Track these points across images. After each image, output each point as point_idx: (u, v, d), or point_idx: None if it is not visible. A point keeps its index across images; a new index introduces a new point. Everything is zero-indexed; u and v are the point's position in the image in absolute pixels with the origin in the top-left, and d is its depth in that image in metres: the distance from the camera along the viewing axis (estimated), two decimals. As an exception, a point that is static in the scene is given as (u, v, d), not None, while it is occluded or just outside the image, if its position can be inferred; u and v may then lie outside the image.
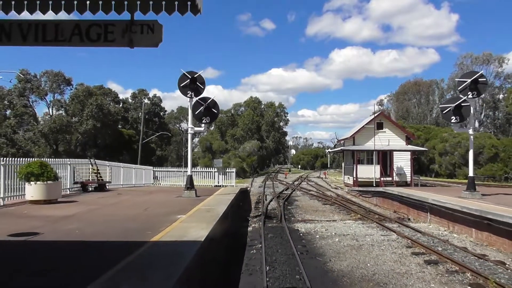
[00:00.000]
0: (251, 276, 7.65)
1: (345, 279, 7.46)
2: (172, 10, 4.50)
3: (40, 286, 3.95)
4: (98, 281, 4.07)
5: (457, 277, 7.41)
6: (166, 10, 4.50)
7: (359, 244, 10.51)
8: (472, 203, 11.67)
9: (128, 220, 8.69)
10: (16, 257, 5.43)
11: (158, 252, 5.62)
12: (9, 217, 8.99)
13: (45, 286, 3.99)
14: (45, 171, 11.71)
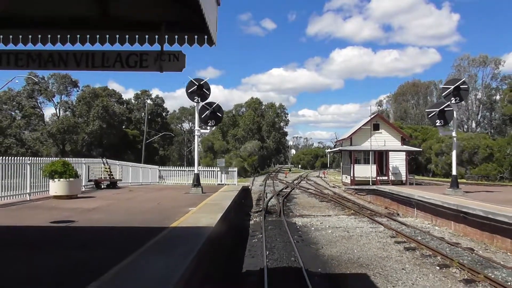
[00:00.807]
0: (253, 258, 8.91)
1: (333, 261, 8.72)
2: (193, 43, 5.75)
3: (94, 256, 5.21)
4: (137, 252, 5.33)
5: (429, 260, 8.66)
6: (188, 43, 5.75)
7: (349, 235, 11.77)
8: (452, 199, 12.94)
9: (145, 212, 9.97)
10: (65, 237, 6.71)
11: (178, 234, 6.89)
12: (41, 209, 10.26)
13: (98, 256, 5.25)
14: (67, 169, 13.00)
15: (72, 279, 4.11)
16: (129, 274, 4.35)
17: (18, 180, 12.60)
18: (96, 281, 3.98)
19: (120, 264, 4.61)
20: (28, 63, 5.85)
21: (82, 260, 4.93)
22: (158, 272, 4.39)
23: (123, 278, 4.18)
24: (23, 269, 4.56)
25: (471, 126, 70.23)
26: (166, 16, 5.53)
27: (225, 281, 7.30)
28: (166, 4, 5.33)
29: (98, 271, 4.24)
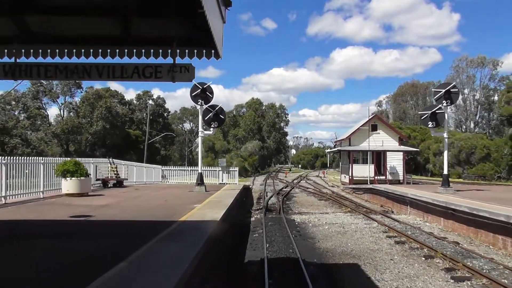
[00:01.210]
0: (254, 251, 9.67)
1: (328, 253, 9.48)
2: (201, 56, 6.51)
3: (118, 243, 5.97)
4: (154, 240, 6.09)
5: (416, 252, 9.41)
6: (197, 56, 6.50)
7: (344, 230, 12.52)
8: (441, 197, 13.69)
9: (154, 208, 10.73)
10: (88, 229, 7.49)
11: (187, 226, 7.65)
12: (57, 206, 11.02)
13: (121, 243, 6.01)
14: (79, 168, 13.76)
15: (106, 259, 4.86)
16: (151, 255, 5.12)
17: (32, 179, 13.38)
18: (124, 260, 4.74)
19: (141, 249, 5.38)
20: (56, 74, 6.62)
21: (109, 246, 5.70)
22: (175, 254, 5.16)
23: (147, 257, 4.95)
24: (67, 253, 5.33)
25: (470, 126, 70.95)
26: (178, 34, 6.28)
27: (229, 269, 8.06)
28: (178, 24, 6.08)
29: (125, 253, 4.99)
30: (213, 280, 6.66)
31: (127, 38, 6.34)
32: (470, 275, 7.33)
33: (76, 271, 4.48)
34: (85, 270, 4.44)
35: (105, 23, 6.26)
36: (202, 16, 4.54)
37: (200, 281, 5.57)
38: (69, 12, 6.05)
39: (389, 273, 7.73)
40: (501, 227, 9.56)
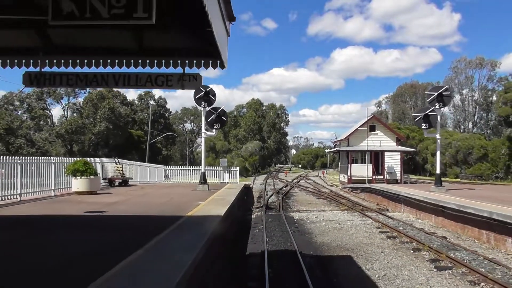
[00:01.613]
0: (255, 244, 10.38)
1: (324, 247, 10.18)
2: (208, 66, 7.20)
3: (134, 235, 6.68)
4: (166, 231, 6.79)
5: (406, 245, 10.12)
6: (204, 66, 7.19)
7: (340, 226, 13.23)
8: (433, 195, 14.39)
9: (161, 205, 11.44)
10: (104, 223, 8.20)
11: (193, 221, 8.36)
12: (70, 203, 11.73)
13: (136, 234, 6.72)
14: (88, 168, 14.47)
15: (126, 246, 5.56)
16: (165, 243, 5.83)
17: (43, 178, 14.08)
18: (142, 248, 5.45)
19: (156, 238, 6.08)
20: (76, 83, 7.32)
21: (125, 236, 6.41)
22: (185, 242, 5.88)
23: (162, 245, 5.67)
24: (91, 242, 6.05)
25: (468, 126, 71.60)
26: (187, 46, 6.97)
27: (233, 259, 8.77)
28: (187, 38, 6.78)
29: (142, 242, 5.70)
30: (219, 266, 7.38)
31: (141, 50, 7.04)
32: (452, 265, 8.03)
33: (102, 255, 5.19)
34: (110, 255, 5.14)
35: (121, 36, 6.95)
36: (210, 33, 5.27)
37: (208, 267, 6.28)
38: (88, 27, 6.76)
39: (379, 263, 8.44)
40: (485, 223, 10.26)
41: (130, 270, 4.50)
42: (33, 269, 4.62)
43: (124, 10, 4.28)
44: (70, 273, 4.46)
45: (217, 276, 7.15)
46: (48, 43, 6.97)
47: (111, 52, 7.18)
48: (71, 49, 7.12)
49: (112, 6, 4.28)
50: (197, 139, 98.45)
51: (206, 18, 4.47)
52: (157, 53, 7.18)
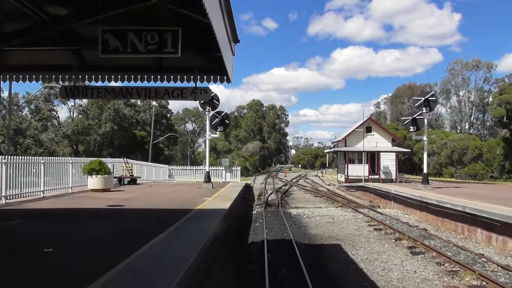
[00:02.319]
0: (256, 235, 11.68)
1: (317, 237, 11.49)
2: (216, 81, 8.53)
3: (153, 224, 7.99)
4: (179, 222, 8.09)
5: (389, 236, 11.42)
6: (213, 81, 8.52)
7: (333, 221, 14.53)
8: (419, 192, 15.69)
9: (172, 200, 12.75)
10: (126, 214, 9.51)
11: (202, 213, 9.67)
12: (89, 198, 13.03)
13: (155, 223, 8.03)
14: (103, 167, 15.78)
15: (149, 231, 6.85)
16: (181, 230, 7.14)
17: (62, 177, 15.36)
18: (164, 232, 6.76)
19: (172, 226, 7.39)
20: (105, 95, 8.63)
21: (146, 225, 7.72)
22: (198, 229, 7.19)
23: (179, 231, 6.98)
24: (119, 228, 7.36)
25: (465, 127, 72.89)
26: (199, 65, 8.28)
27: (237, 246, 10.09)
28: (200, 59, 8.10)
29: (161, 228, 7.00)
30: (225, 251, 8.70)
31: (160, 68, 8.37)
32: (425, 250, 9.34)
33: (131, 237, 6.49)
34: (137, 238, 6.42)
35: (145, 58, 8.25)
36: (219, 56, 6.59)
37: (218, 247, 7.61)
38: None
39: (363, 250, 9.74)
40: (460, 216, 11.57)
41: (161, 245, 5.83)
42: (91, 237, 5.96)
43: (156, 46, 5.61)
44: (116, 242, 5.80)
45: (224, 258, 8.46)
46: (82, 62, 8.29)
47: (135, 70, 8.51)
48: (101, 67, 8.43)
49: (148, 43, 5.61)
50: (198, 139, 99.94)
51: (217, 46, 5.78)
52: (173, 70, 8.51)
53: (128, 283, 4.05)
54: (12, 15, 6.02)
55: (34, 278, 4.22)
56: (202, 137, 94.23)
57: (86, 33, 6.46)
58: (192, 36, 6.58)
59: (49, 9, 5.92)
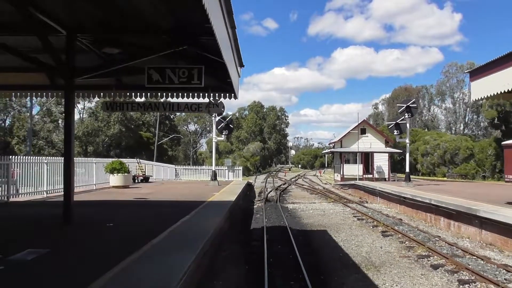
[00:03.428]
0: (257, 223, 13.90)
1: (308, 225, 13.69)
2: (225, 98, 10.76)
3: (175, 211, 10.21)
4: (196, 209, 10.32)
5: (369, 224, 13.61)
6: (223, 97, 10.75)
7: (324, 213, 16.73)
8: (399, 189, 17.89)
9: (185, 195, 14.97)
10: (151, 204, 11.74)
11: (213, 204, 11.89)
12: (115, 193, 15.25)
13: (177, 210, 10.26)
14: (123, 167, 18.03)
15: (176, 214, 9.05)
16: (200, 213, 9.38)
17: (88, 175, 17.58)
18: (188, 214, 8.99)
19: (193, 211, 9.63)
20: (137, 108, 10.88)
21: (171, 211, 9.95)
22: (212, 213, 9.43)
23: (199, 214, 9.22)
24: (150, 213, 9.59)
25: (459, 128, 75.06)
26: (212, 85, 10.45)
27: (241, 230, 12.32)
28: (213, 81, 10.29)
29: (184, 213, 9.22)
30: (233, 232, 10.94)
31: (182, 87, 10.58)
32: (394, 233, 11.55)
33: (164, 218, 8.71)
34: (168, 218, 8.62)
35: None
36: (229, 81, 8.81)
37: (228, 226, 9.84)
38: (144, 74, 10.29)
39: (344, 234, 11.95)
40: (428, 207, 13.78)
41: (188, 223, 8.06)
42: (134, 217, 8.18)
43: (186, 79, 7.83)
44: (155, 221, 8.01)
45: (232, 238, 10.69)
46: (119, 82, 10.51)
47: (161, 88, 10.72)
48: (134, 86, 10.66)
49: (180, 77, 7.82)
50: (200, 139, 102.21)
51: (228, 74, 7.99)
52: (192, 89, 10.72)
53: (175, 239, 6.29)
54: (90, 60, 8.32)
55: (112, 239, 6.45)
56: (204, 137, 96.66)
57: (134, 68, 8.65)
58: (210, 69, 8.78)
59: (115, 56, 8.19)
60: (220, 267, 7.58)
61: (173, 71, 7.78)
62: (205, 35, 7.11)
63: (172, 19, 6.98)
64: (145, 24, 7.29)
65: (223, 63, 7.02)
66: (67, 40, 7.71)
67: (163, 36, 7.62)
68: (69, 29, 7.55)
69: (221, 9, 5.39)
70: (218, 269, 7.41)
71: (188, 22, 6.93)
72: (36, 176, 13.33)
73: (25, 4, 6.28)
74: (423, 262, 8.54)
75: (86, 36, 7.95)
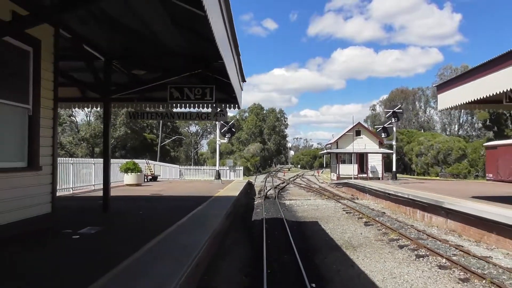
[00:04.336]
0: (257, 216, 15.83)
1: (302, 217, 15.62)
2: (230, 108, 12.70)
3: (188, 203, 12.16)
4: (206, 202, 12.25)
5: (355, 216, 15.54)
6: (228, 108, 12.69)
7: (317, 208, 18.66)
8: (385, 186, 19.82)
9: (194, 191, 16.89)
10: (167, 198, 13.67)
11: (220, 198, 13.82)
12: (131, 190, 17.15)
13: (189, 203, 12.20)
14: (136, 167, 19.96)
15: (189, 206, 10.96)
16: (211, 205, 11.33)
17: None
18: (200, 206, 10.91)
19: (204, 203, 11.56)
20: (156, 117, 12.80)
21: (184, 204, 11.88)
22: (220, 206, 11.37)
23: (209, 205, 11.16)
24: (166, 205, 11.52)
25: (454, 129, 77.03)
26: (219, 98, 12.39)
27: (244, 220, 14.26)
28: (220, 95, 12.23)
29: (195, 206, 11.14)
30: (237, 221, 12.88)
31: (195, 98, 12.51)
32: (375, 223, 13.48)
33: (181, 208, 10.62)
34: (184, 208, 10.53)
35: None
36: (234, 96, 10.75)
37: (232, 219, 11.78)
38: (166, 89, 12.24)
39: (333, 224, 13.88)
40: (407, 202, 15.71)
41: (202, 211, 10.00)
42: (157, 208, 10.12)
43: (200, 96, 9.77)
44: (174, 210, 9.94)
45: (237, 225, 12.62)
46: (141, 95, 12.44)
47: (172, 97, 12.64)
48: (153, 99, 12.59)
49: (195, 94, 9.76)
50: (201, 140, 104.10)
51: (233, 90, 9.91)
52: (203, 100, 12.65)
53: (195, 221, 8.22)
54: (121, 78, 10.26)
55: (146, 221, 8.39)
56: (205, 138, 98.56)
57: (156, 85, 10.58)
58: (219, 86, 10.72)
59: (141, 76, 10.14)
60: (228, 248, 9.52)
61: (190, 90, 9.73)
62: (216, 61, 9.04)
63: (191, 50, 8.92)
64: (167, 52, 9.23)
65: (229, 83, 8.96)
66: (105, 65, 9.64)
67: (183, 61, 9.57)
68: (106, 56, 9.49)
69: (229, 43, 7.27)
70: (227, 248, 9.35)
71: (203, 53, 8.85)
72: (64, 175, 15.26)
73: (81, 41, 8.21)
74: (393, 244, 10.48)
75: (119, 61, 9.90)
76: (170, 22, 7.01)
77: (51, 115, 7.07)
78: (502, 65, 9.05)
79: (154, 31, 7.76)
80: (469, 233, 11.13)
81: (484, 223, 10.30)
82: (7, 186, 5.75)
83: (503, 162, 23.65)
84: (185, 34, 7.91)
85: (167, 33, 7.77)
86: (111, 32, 8.08)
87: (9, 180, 5.81)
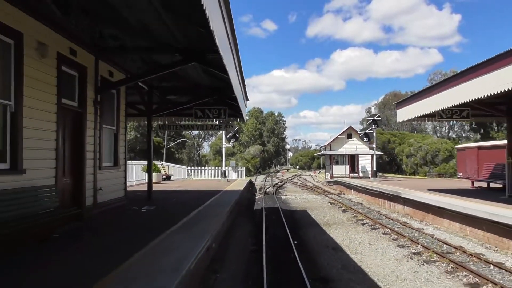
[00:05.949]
0: (258, 206, 19.52)
1: (294, 207, 19.31)
2: (236, 121, 16.44)
3: (203, 195, 15.86)
4: (218, 194, 15.93)
5: (337, 206, 19.23)
6: (235, 120, 16.42)
7: (308, 201, 22.35)
8: (365, 183, 23.52)
9: (206, 187, 20.58)
10: (187, 191, 17.37)
11: (229, 191, 17.51)
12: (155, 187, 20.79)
13: (204, 195, 15.91)
14: (156, 167, 23.68)
15: (205, 197, 14.62)
16: (223, 196, 15.05)
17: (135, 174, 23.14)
18: (214, 196, 14.61)
19: (218, 194, 15.27)
20: (176, 128, 16.54)
21: (201, 195, 15.59)
22: (231, 195, 15.10)
23: (221, 196, 14.89)
24: (188, 196, 15.22)
25: (445, 131, 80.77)
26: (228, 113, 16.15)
27: (247, 209, 17.97)
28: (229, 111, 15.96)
29: (210, 196, 14.82)
30: (242, 210, 16.60)
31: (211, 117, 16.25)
32: (350, 210, 17.17)
33: (199, 199, 14.33)
34: (202, 198, 14.22)
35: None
36: (240, 113, 14.54)
37: (239, 207, 15.50)
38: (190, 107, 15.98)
39: (317, 212, 17.57)
40: (379, 194, 19.41)
41: (217, 201, 13.72)
42: (183, 198, 13.83)
43: (217, 115, 13.51)
44: (194, 200, 13.63)
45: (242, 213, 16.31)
46: (167, 111, 16.15)
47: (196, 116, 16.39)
48: (176, 113, 16.30)
49: (214, 113, 13.52)
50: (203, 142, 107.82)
51: (239, 108, 13.66)
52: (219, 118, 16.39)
53: (216, 204, 11.93)
54: (157, 100, 13.99)
55: (180, 204, 12.10)
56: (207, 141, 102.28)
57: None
58: (230, 106, 14.43)
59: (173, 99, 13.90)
60: (238, 224, 13.19)
61: (210, 111, 13.45)
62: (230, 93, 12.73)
63: (212, 85, 12.64)
64: (195, 84, 12.93)
65: (237, 105, 12.68)
66: (148, 92, 13.36)
67: (204, 91, 13.29)
68: (149, 87, 13.21)
69: (239, 83, 10.96)
70: (237, 223, 13.02)
71: (220, 86, 12.55)
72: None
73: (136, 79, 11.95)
74: (359, 223, 14.18)
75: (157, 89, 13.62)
76: (203, 73, 10.74)
77: (124, 132, 10.80)
78: (432, 92, 12.78)
79: (189, 74, 11.48)
80: (416, 215, 14.83)
81: (426, 206, 13.99)
82: (111, 177, 9.48)
83: (469, 162, 27.12)
84: (209, 78, 11.65)
85: (197, 76, 11.49)
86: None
87: (110, 173, 9.54)
